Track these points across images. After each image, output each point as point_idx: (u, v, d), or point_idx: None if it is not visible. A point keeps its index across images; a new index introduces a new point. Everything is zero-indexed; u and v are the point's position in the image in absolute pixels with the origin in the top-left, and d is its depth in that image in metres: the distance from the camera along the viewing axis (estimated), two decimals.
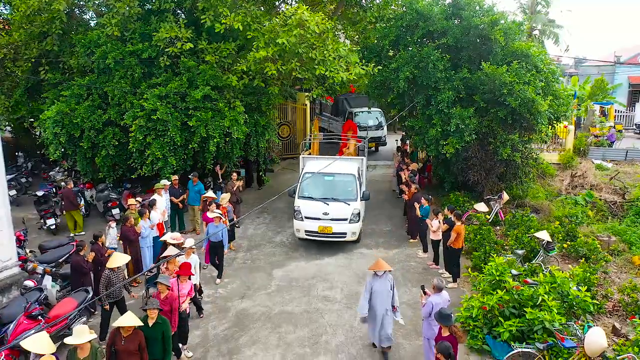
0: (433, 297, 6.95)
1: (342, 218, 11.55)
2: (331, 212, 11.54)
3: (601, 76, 29.47)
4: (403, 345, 7.90)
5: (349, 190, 12.00)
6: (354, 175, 12.20)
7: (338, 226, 11.48)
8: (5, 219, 8.63)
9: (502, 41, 13.76)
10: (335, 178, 12.27)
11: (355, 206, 11.69)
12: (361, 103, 24.11)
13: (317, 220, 11.58)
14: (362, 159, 13.68)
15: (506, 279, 7.94)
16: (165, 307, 6.90)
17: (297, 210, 11.84)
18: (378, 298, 7.30)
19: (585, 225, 13.23)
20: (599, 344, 6.34)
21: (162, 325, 6.42)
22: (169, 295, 7.05)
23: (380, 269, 7.38)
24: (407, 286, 10.06)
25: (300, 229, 11.79)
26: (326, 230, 11.45)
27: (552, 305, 7.25)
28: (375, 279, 7.41)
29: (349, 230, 11.55)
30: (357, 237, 11.91)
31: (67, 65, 15.26)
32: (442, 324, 5.95)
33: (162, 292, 7.03)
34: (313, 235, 11.64)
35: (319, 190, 12.11)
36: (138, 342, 6.07)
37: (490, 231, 11.63)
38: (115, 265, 7.81)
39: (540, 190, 16.28)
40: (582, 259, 10.58)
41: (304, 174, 12.41)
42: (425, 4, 14.62)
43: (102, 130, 13.69)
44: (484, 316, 7.71)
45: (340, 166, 12.45)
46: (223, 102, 13.66)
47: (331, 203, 11.67)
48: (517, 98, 12.74)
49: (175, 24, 13.53)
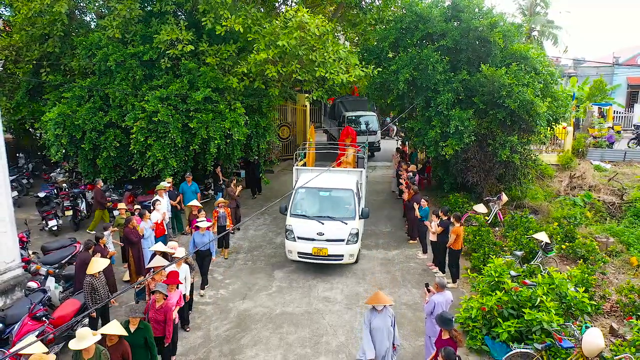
0: (436, 296, 7.04)
1: (338, 239, 10.46)
2: (326, 232, 10.44)
3: (600, 77, 29.55)
4: (403, 346, 7.96)
5: (347, 208, 10.91)
6: (352, 190, 11.10)
7: (334, 248, 10.42)
8: (8, 220, 8.70)
9: (501, 43, 13.86)
10: (332, 194, 11.25)
11: (353, 225, 10.58)
12: (358, 106, 23.85)
13: (310, 241, 10.48)
14: (361, 171, 12.60)
15: (505, 280, 8.02)
16: (159, 317, 6.84)
17: (289, 230, 10.72)
18: (377, 336, 6.47)
19: (584, 227, 13.32)
20: (597, 345, 6.42)
21: (144, 330, 6.36)
22: (164, 305, 6.93)
23: (380, 303, 6.50)
24: (406, 287, 10.13)
25: (292, 251, 10.70)
26: (321, 252, 10.38)
27: (550, 306, 7.34)
28: (373, 314, 6.54)
29: (346, 253, 10.49)
30: (355, 259, 10.89)
31: (68, 67, 15.36)
32: (443, 328, 6.02)
33: (159, 301, 6.91)
34: (306, 257, 10.57)
35: (313, 208, 11.05)
36: (121, 352, 6.01)
37: (490, 232, 11.72)
38: (96, 271, 7.62)
39: (539, 192, 16.37)
40: (580, 260, 10.66)
41: (297, 189, 11.30)
42: (425, 6, 14.72)
43: (104, 132, 13.77)
44: (482, 317, 7.79)
45: (337, 180, 11.55)
46: (224, 103, 13.74)
47: (326, 222, 10.57)
48: (516, 100, 12.83)
49: (176, 26, 13.62)
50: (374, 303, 6.51)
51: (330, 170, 11.91)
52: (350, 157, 14.78)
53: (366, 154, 15.36)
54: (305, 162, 14.50)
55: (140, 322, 6.41)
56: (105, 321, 7.55)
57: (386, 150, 23.34)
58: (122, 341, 6.09)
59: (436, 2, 15.07)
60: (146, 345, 6.42)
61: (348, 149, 15.22)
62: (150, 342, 6.43)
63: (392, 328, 6.60)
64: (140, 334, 6.35)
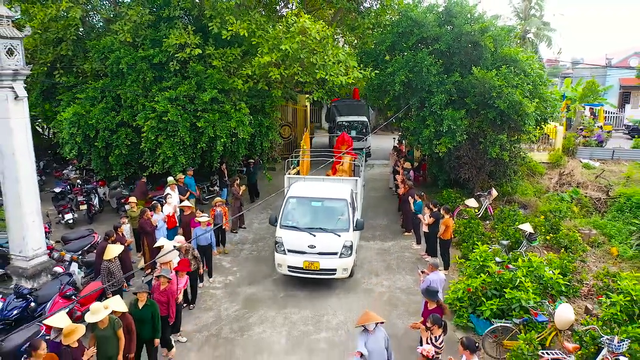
0: (431, 275, 7.84)
1: (331, 252, 9.87)
2: (318, 245, 9.86)
3: (592, 78, 30.36)
4: (397, 325, 8.77)
5: (340, 219, 10.31)
6: (345, 200, 10.50)
7: (326, 261, 9.82)
8: (36, 212, 9.48)
9: (492, 47, 14.66)
10: (324, 204, 10.67)
11: (346, 238, 9.99)
12: (354, 111, 23.51)
13: (301, 255, 9.92)
14: (356, 180, 12.09)
15: (489, 264, 8.83)
16: (163, 299, 7.55)
17: (279, 242, 10.16)
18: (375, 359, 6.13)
19: (569, 220, 14.12)
20: (567, 318, 7.22)
21: (151, 307, 7.09)
22: (168, 288, 7.65)
23: (370, 322, 6.22)
24: (401, 274, 10.94)
25: (281, 264, 10.11)
26: (312, 266, 9.82)
27: (529, 286, 8.15)
28: (366, 337, 6.21)
29: (339, 267, 9.87)
30: (350, 273, 10.23)
31: (81, 69, 16.11)
32: (429, 299, 6.82)
33: (163, 284, 7.63)
34: (297, 272, 10.01)
35: (304, 219, 10.43)
36: (126, 324, 6.71)
37: (479, 224, 12.51)
38: (111, 256, 8.43)
39: (529, 188, 17.17)
40: (562, 249, 11.46)
41: (288, 198, 10.78)
42: (420, 11, 15.51)
43: (116, 131, 14.53)
44: (468, 297, 8.59)
45: (330, 189, 11.04)
46: (229, 104, 14.52)
47: (318, 234, 9.97)
48: (506, 100, 13.61)
49: (184, 31, 14.37)
50: (364, 322, 6.24)
51: (324, 179, 11.67)
52: (346, 165, 14.23)
53: (363, 162, 14.80)
54: (299, 171, 13.94)
55: (148, 300, 7.13)
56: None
57: (384, 149, 24.13)
58: (125, 315, 6.80)
59: (431, 8, 15.88)
60: (152, 320, 7.10)
61: (344, 156, 14.57)
62: (156, 317, 7.11)
63: (387, 350, 6.26)
64: (147, 310, 7.07)
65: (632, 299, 7.53)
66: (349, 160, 14.37)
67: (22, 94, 9.04)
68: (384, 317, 8.96)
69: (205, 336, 8.48)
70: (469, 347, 5.68)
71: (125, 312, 6.75)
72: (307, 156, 14.66)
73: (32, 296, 8.08)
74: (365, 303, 9.58)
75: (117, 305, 6.66)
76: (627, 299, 7.59)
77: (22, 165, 9.14)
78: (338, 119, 22.47)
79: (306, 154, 14.67)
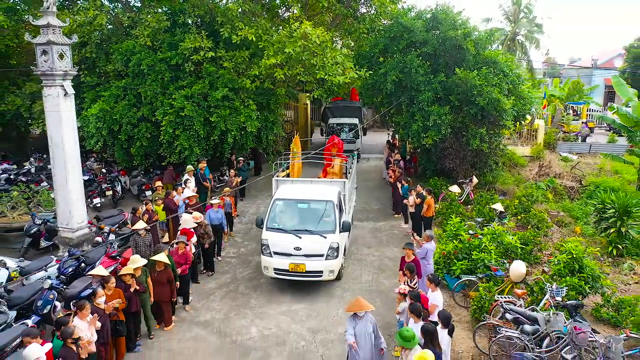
0: (426, 244, 9.51)
1: (316, 254, 9.88)
2: (304, 247, 9.86)
3: (577, 78, 32.10)
4: (384, 283, 10.49)
5: (326, 221, 10.28)
6: (332, 202, 10.50)
7: (312, 263, 9.84)
8: (80, 191, 11.20)
9: (473, 50, 16.40)
10: (311, 205, 10.67)
11: (332, 239, 9.99)
12: (347, 113, 23.90)
13: (287, 257, 9.94)
14: (344, 182, 11.95)
15: (461, 233, 10.56)
16: (181, 260, 9.25)
17: (265, 245, 10.18)
18: (360, 342, 6.50)
19: (542, 204, 15.85)
20: (519, 271, 8.94)
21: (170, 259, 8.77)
22: (185, 252, 9.37)
23: (361, 310, 6.58)
24: (389, 247, 12.67)
25: (268, 267, 10.12)
26: (298, 268, 9.82)
27: (492, 249, 9.88)
28: (355, 321, 6.60)
29: (325, 269, 9.89)
30: (337, 275, 10.27)
31: (103, 70, 17.81)
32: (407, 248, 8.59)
33: (181, 249, 9.33)
34: (283, 274, 10.03)
35: (290, 221, 10.47)
36: (167, 276, 8.43)
37: (460, 206, 14.24)
38: (138, 227, 9.98)
39: (509, 178, 18.92)
40: (530, 227, 13.17)
41: (274, 200, 10.83)
42: (409, 18, 17.23)
43: (137, 125, 16.24)
44: (443, 260, 10.31)
45: (317, 191, 11.08)
46: (239, 101, 16.24)
47: (304, 236, 9.97)
48: (485, 98, 15.32)
49: (198, 36, 16.07)
50: (355, 310, 6.60)
51: (312, 181, 11.88)
52: (337, 168, 14.27)
53: (355, 164, 14.98)
54: (289, 174, 13.94)
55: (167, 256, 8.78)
56: None
57: (380, 144, 25.84)
58: (167, 269, 8.49)
59: (419, 15, 17.62)
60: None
61: (334, 159, 14.75)
62: (173, 269, 8.76)
63: (374, 333, 6.63)
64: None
65: (573, 257, 9.25)
66: (340, 163, 14.41)
67: (70, 91, 10.73)
68: (373, 279, 10.85)
69: (225, 291, 10.22)
70: (433, 281, 7.42)
71: (168, 264, 8.48)
72: (298, 159, 14.45)
73: (83, 257, 9.80)
74: (358, 268, 11.33)
75: (161, 258, 8.39)
76: (569, 257, 9.32)
77: (69, 151, 10.86)
78: (329, 121, 23.16)
79: (296, 156, 14.44)
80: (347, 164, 14.16)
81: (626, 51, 35.91)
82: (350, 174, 13.64)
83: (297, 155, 14.57)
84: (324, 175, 14.47)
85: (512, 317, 7.83)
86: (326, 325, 8.99)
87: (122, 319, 7.58)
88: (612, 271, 11.54)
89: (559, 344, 7.32)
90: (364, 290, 10.31)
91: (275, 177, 12.37)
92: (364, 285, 10.57)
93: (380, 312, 9.22)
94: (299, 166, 14.50)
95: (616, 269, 11.70)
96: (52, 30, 10.26)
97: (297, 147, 14.87)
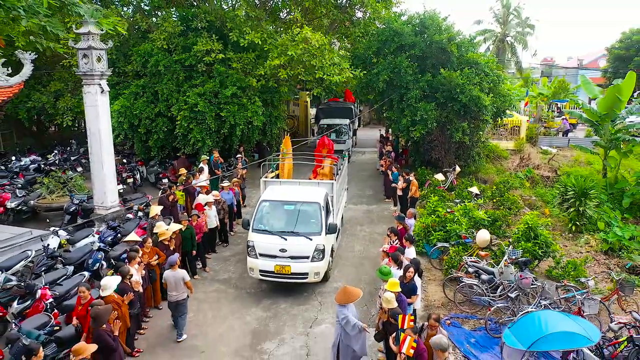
0: (411, 220, 11.35)
1: (302, 256, 9.91)
2: (289, 249, 9.90)
3: (563, 77, 33.96)
4: (373, 252, 12.35)
5: (312, 222, 10.31)
6: (318, 203, 10.52)
7: (298, 265, 9.88)
8: (113, 175, 13.05)
9: (457, 52, 18.23)
10: (297, 207, 10.64)
11: (318, 241, 10.01)
12: (339, 114, 24.59)
13: (273, 259, 9.98)
14: (332, 183, 12.09)
15: (438, 209, 12.43)
16: (196, 230, 11.06)
17: (251, 246, 10.21)
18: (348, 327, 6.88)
19: (516, 190, 17.72)
20: (484, 238, 10.77)
21: (189, 229, 10.58)
22: (198, 222, 11.22)
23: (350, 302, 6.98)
24: (379, 225, 14.53)
25: (253, 268, 10.16)
26: (284, 270, 9.87)
27: (463, 222, 11.75)
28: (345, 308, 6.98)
29: (311, 270, 9.92)
30: (323, 276, 10.33)
31: (122, 70, 19.65)
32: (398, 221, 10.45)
33: (194, 220, 11.14)
34: (269, 276, 10.08)
35: (276, 222, 10.49)
36: (179, 241, 10.28)
37: (443, 191, 16.09)
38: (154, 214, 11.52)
39: (491, 168, 20.80)
40: (502, 208, 15.03)
41: (261, 201, 10.91)
42: (399, 23, 19.06)
43: (154, 120, 18.09)
44: (423, 232, 12.18)
45: (304, 193, 11.18)
46: (246, 98, 18.07)
47: (290, 238, 10.01)
48: (467, 95, 17.14)
49: (209, 39, 17.89)
50: (345, 302, 6.96)
51: (300, 182, 12.04)
52: (327, 169, 14.29)
53: (345, 165, 15.06)
54: (278, 175, 13.90)
55: (187, 226, 10.63)
56: None
57: (373, 139, 27.75)
58: (179, 235, 10.33)
59: (408, 21, 19.45)
60: (191, 238, 10.61)
61: (324, 160, 14.78)
62: (193, 236, 10.60)
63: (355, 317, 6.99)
64: (188, 231, 10.59)
65: (529, 227, 11.11)
66: (330, 165, 14.39)
67: (106, 89, 12.57)
68: (364, 249, 12.71)
69: (238, 258, 12.10)
70: (409, 240, 9.31)
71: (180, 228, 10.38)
72: (288, 159, 14.48)
73: (120, 228, 11.65)
74: (352, 241, 13.20)
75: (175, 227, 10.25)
76: (526, 227, 11.18)
77: (104, 140, 12.71)
78: (320, 122, 24.06)
79: (286, 157, 14.45)
80: (337, 164, 14.13)
81: (608, 52, 37.77)
82: (340, 176, 13.46)
83: (288, 155, 14.53)
84: (314, 176, 14.52)
85: (474, 271, 9.71)
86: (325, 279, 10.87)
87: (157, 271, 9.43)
88: (571, 244, 13.44)
89: (508, 289, 9.19)
90: (356, 257, 12.20)
91: (263, 178, 12.47)
92: (356, 253, 12.45)
93: (368, 271, 11.14)
94: (290, 167, 14.37)
95: (575, 242, 13.58)
96: (92, 37, 12.10)
97: (288, 147, 14.78)
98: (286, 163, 14.24)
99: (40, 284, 8.51)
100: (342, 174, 14.11)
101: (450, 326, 8.93)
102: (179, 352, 8.29)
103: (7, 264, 9.56)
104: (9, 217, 13.95)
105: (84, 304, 7.52)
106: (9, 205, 13.88)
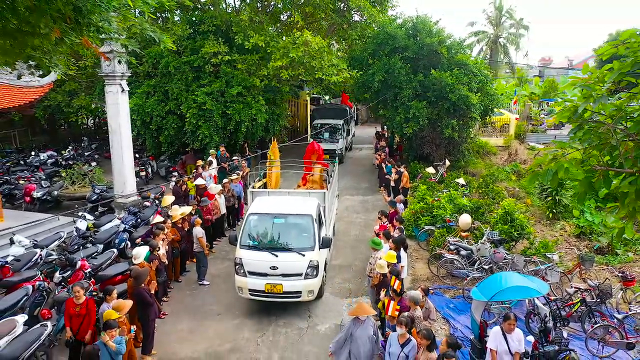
0: (401, 205, 12.70)
1: (294, 273, 9.30)
2: (281, 266, 9.23)
3: (553, 77, 35.31)
4: (367, 235, 13.64)
5: (305, 237, 9.63)
6: (311, 216, 9.81)
7: (290, 283, 9.27)
8: (131, 167, 14.37)
9: (447, 54, 19.58)
10: (288, 220, 9.91)
11: (311, 257, 9.38)
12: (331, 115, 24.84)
13: (263, 277, 9.31)
14: (324, 193, 11.37)
15: (426, 197, 13.78)
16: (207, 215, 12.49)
17: (239, 264, 9.49)
18: (359, 344, 6.68)
19: (502, 182, 19.06)
20: (465, 221, 12.12)
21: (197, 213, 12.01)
22: (208, 208, 12.60)
23: (363, 314, 6.81)
24: (374, 213, 15.75)
25: (242, 288, 9.50)
26: (275, 289, 9.26)
27: (448, 207, 13.09)
28: (356, 325, 6.80)
29: (304, 289, 9.32)
30: (317, 294, 9.71)
31: (134, 71, 20.92)
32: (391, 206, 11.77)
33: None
34: (259, 295, 9.44)
35: (266, 237, 9.74)
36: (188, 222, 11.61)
37: (433, 183, 17.43)
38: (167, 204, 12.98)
39: (480, 163, 22.14)
40: (487, 197, 16.37)
41: (248, 215, 10.13)
42: (393, 27, 20.40)
43: (165, 117, 19.40)
44: (413, 217, 13.52)
45: (295, 204, 10.43)
46: (250, 97, 19.38)
47: (281, 254, 9.32)
48: (456, 94, 18.49)
49: (215, 42, 19.18)
50: (358, 314, 6.82)
51: (289, 192, 11.52)
52: (317, 177, 13.81)
53: (336, 172, 14.46)
54: (266, 183, 13.45)
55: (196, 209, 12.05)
56: None
57: (370, 136, 29.05)
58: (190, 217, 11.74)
59: (402, 25, 20.79)
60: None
61: (314, 167, 14.16)
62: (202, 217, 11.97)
63: (375, 336, 6.81)
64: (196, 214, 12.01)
65: (506, 211, 12.45)
66: (320, 173, 13.85)
67: (126, 88, 13.88)
68: (359, 233, 14.03)
69: None
70: (399, 220, 10.70)
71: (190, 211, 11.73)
72: (276, 168, 13.98)
73: (140, 213, 12.99)
74: (349, 226, 14.54)
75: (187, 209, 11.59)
76: (503, 211, 12.53)
77: (124, 136, 14.02)
78: (314, 122, 24.47)
79: (274, 165, 13.93)
80: (327, 170, 13.62)
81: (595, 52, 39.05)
82: (331, 183, 12.83)
83: (275, 164, 13.98)
84: (303, 184, 13.93)
85: (455, 248, 11.06)
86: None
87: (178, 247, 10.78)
88: (548, 229, 14.80)
89: (483, 263, 10.54)
90: (352, 240, 13.54)
91: (250, 188, 11.96)
92: (352, 237, 13.80)
93: (363, 252, 12.47)
94: (277, 176, 13.83)
95: (551, 228, 14.94)
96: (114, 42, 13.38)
97: (275, 155, 14.22)
98: (274, 172, 13.69)
99: (78, 257, 9.83)
100: (333, 181, 13.40)
101: (433, 295, 10.28)
102: (199, 315, 9.64)
103: (44, 243, 10.91)
104: (35, 205, 15.28)
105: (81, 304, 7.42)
106: (35, 195, 15.21)
